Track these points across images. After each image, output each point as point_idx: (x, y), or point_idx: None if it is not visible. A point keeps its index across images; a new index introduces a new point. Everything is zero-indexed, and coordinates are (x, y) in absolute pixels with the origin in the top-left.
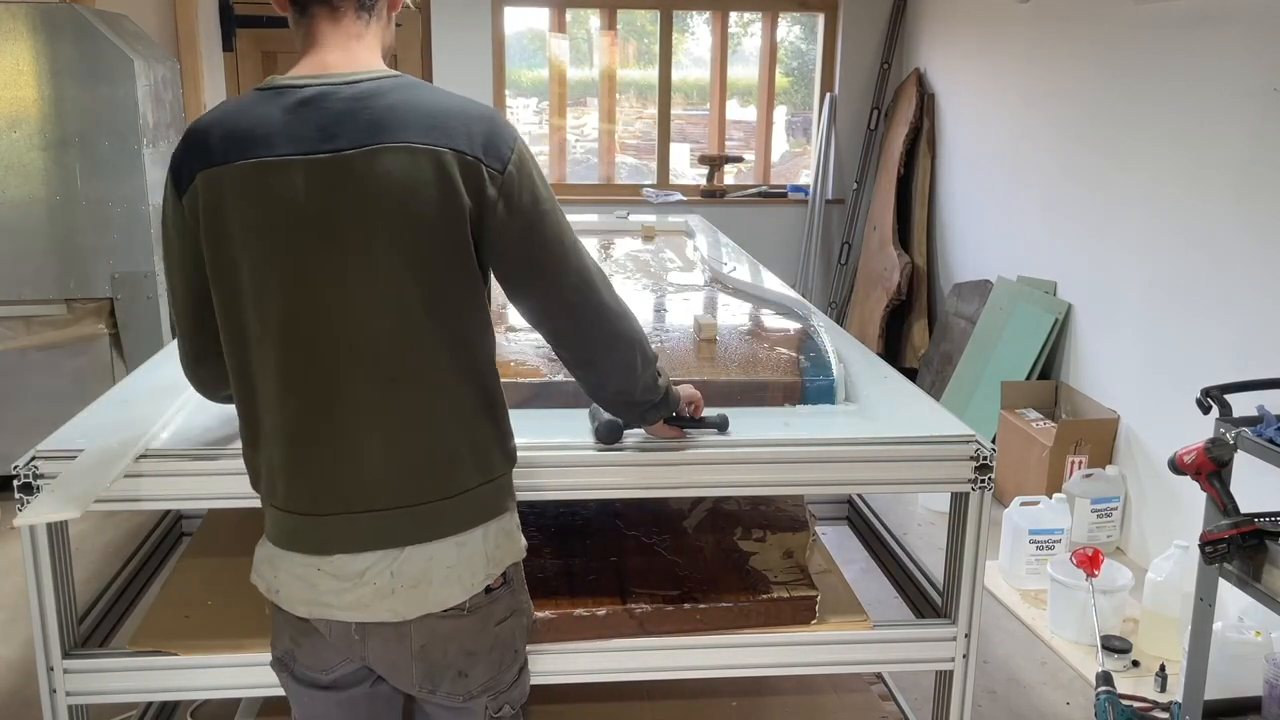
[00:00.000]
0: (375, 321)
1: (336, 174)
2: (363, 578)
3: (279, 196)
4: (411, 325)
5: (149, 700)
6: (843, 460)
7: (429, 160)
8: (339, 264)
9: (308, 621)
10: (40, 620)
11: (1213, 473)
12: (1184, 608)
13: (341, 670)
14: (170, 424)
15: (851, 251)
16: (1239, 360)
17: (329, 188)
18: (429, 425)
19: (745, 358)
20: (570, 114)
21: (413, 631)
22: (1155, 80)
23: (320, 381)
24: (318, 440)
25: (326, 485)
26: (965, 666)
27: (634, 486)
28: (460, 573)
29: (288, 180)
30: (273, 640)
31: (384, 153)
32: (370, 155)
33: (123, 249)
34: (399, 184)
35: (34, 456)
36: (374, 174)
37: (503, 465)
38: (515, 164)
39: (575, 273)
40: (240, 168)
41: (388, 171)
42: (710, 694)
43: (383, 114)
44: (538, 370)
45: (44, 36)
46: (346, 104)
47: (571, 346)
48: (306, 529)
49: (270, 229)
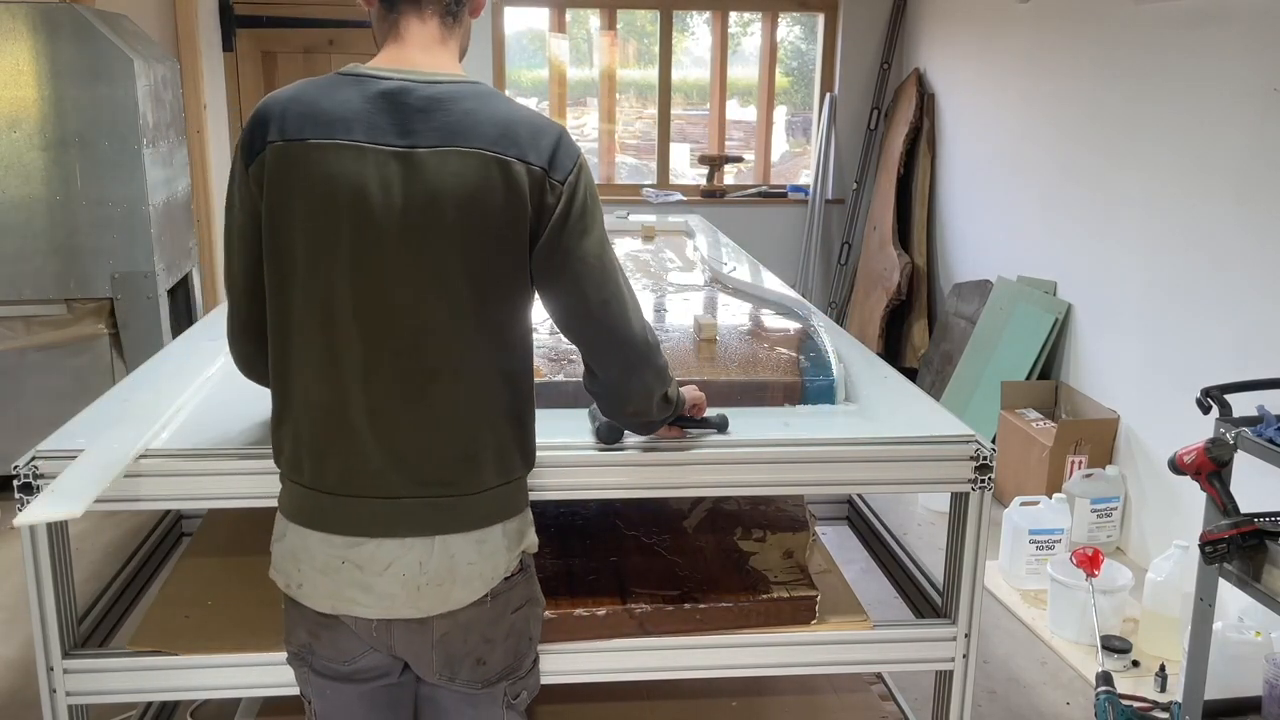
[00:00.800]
0: (423, 315)
1: (407, 169)
2: (388, 570)
3: (347, 181)
4: (459, 324)
5: (149, 700)
6: (843, 460)
7: (498, 167)
8: (396, 256)
9: (329, 614)
10: (40, 620)
11: (1213, 473)
12: (1184, 608)
13: (364, 660)
14: (170, 424)
15: (851, 251)
16: (1239, 360)
17: (398, 181)
18: (460, 422)
19: (745, 358)
20: (570, 114)
21: (434, 622)
22: (1155, 80)
23: (361, 366)
24: (351, 423)
25: (356, 468)
26: (965, 666)
27: (634, 486)
28: (481, 569)
29: (359, 167)
30: (286, 635)
31: (456, 155)
32: (443, 156)
33: (123, 249)
34: (467, 187)
35: (34, 456)
36: (444, 174)
37: (521, 468)
38: (575, 177)
39: (611, 293)
40: (313, 146)
41: (458, 173)
42: (710, 694)
43: (459, 118)
44: (538, 370)
45: (44, 36)
46: (425, 102)
47: (597, 363)
48: (331, 508)
49: (333, 211)
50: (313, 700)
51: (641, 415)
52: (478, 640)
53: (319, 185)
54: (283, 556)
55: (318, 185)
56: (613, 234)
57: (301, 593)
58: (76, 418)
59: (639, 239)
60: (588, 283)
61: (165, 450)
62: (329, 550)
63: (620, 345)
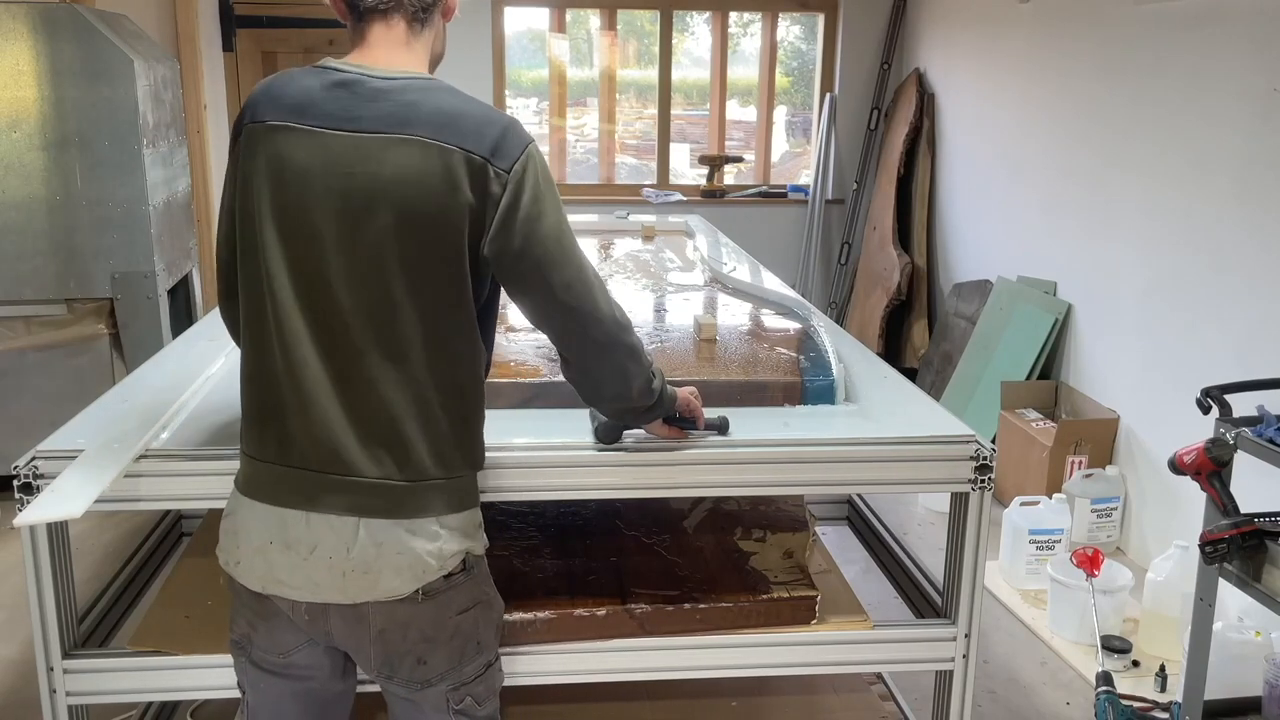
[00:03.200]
0: (357, 296)
1: (351, 153)
2: (314, 553)
3: (296, 162)
4: (389, 309)
5: (149, 700)
6: (843, 460)
7: (438, 156)
8: (335, 237)
9: (267, 602)
10: (40, 620)
11: (1213, 473)
12: (1184, 608)
13: (300, 656)
14: (170, 424)
15: (851, 251)
16: (1239, 360)
17: (342, 164)
18: (385, 407)
19: (745, 358)
20: (570, 114)
21: (370, 614)
22: (1155, 80)
23: (296, 339)
24: (286, 395)
25: (290, 439)
26: (965, 666)
27: (634, 486)
28: (411, 561)
29: (308, 150)
30: (230, 623)
31: (397, 143)
32: (385, 143)
33: (123, 249)
34: (406, 174)
35: (34, 456)
36: (385, 160)
37: (463, 467)
38: (522, 165)
39: (573, 276)
40: (273, 128)
41: (397, 161)
42: (710, 694)
43: (404, 108)
44: (538, 370)
45: (44, 36)
46: (374, 93)
47: (568, 348)
48: (266, 477)
49: (282, 190)
50: (247, 691)
51: (622, 401)
52: (417, 639)
53: (273, 164)
54: (226, 533)
55: (273, 164)
56: (613, 234)
57: (239, 570)
58: (76, 418)
59: (639, 239)
60: (548, 267)
61: (165, 450)
62: (264, 527)
63: (587, 326)
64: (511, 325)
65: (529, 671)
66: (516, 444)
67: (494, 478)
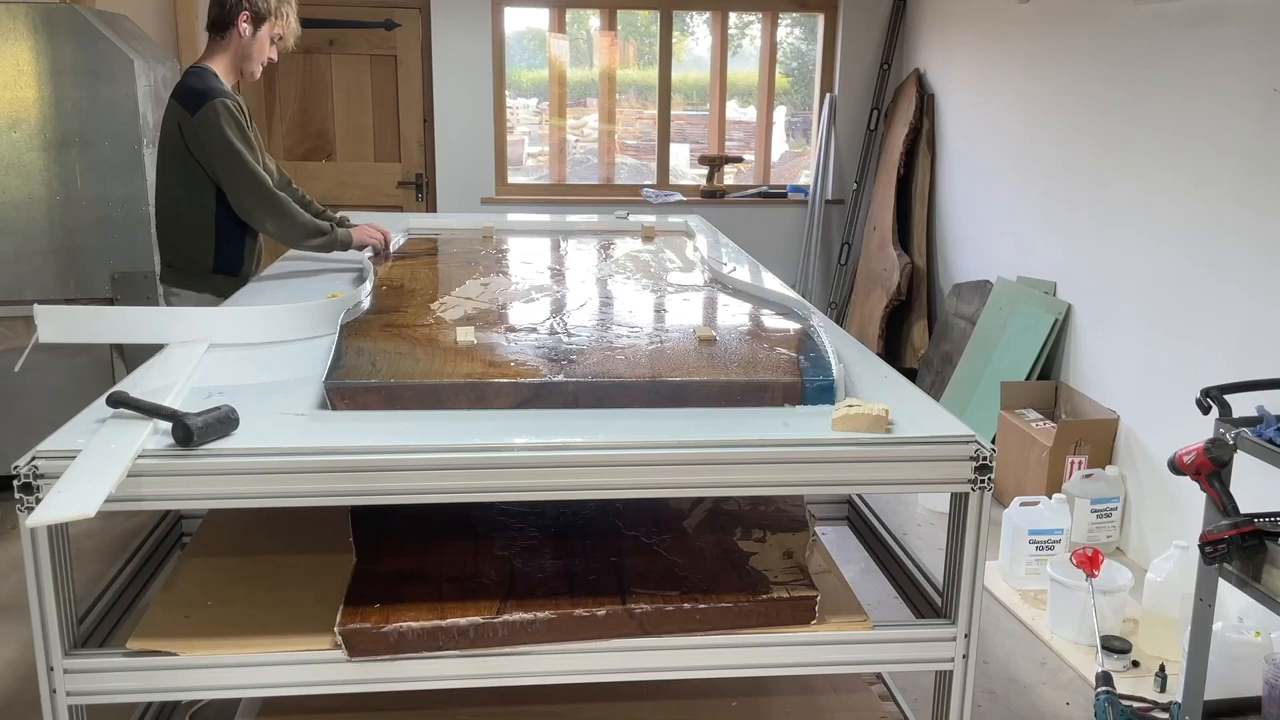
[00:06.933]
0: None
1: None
2: None
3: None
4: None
5: (149, 700)
6: (843, 460)
7: (171, 109)
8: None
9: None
10: (40, 620)
11: (1213, 473)
12: (1184, 608)
13: None
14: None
15: (851, 252)
16: (1239, 360)
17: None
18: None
19: (745, 358)
20: (570, 114)
21: None
22: (1155, 80)
23: None
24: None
25: None
26: (965, 667)
27: (634, 486)
28: None
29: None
30: None
31: (170, 102)
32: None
33: (123, 249)
34: (166, 120)
35: (34, 457)
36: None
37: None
38: (203, 114)
39: (227, 181)
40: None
41: (167, 113)
42: (710, 694)
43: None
44: (538, 370)
45: (44, 36)
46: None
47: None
48: None
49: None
50: None
51: (292, 245)
52: None
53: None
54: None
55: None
56: (613, 234)
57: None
58: (76, 418)
59: (639, 239)
60: (217, 169)
61: (165, 450)
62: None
63: (244, 210)
64: (511, 325)
65: (529, 671)
66: (516, 444)
67: (494, 478)
